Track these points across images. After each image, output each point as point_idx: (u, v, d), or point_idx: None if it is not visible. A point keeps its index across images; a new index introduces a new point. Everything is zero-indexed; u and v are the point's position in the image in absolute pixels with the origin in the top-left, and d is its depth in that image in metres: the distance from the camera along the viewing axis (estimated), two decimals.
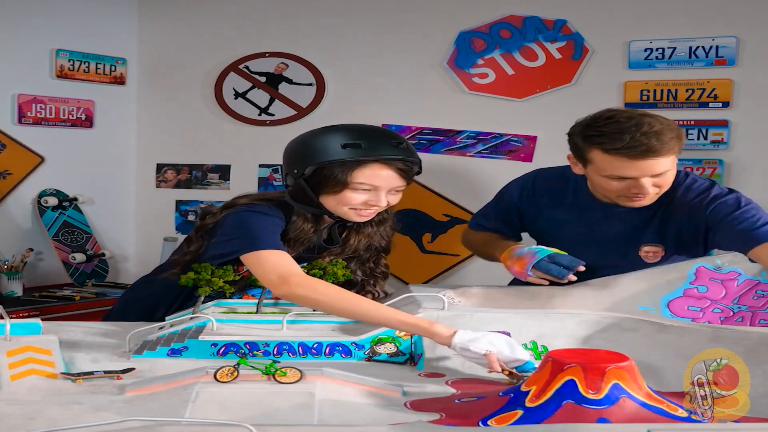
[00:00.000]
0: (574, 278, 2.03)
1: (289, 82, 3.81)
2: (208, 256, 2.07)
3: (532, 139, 3.52)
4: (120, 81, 3.93)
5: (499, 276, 2.41)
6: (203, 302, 2.01)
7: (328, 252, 2.19)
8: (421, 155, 3.66)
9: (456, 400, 1.45)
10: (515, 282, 2.35)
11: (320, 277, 2.03)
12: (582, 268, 2.04)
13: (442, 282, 3.52)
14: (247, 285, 2.11)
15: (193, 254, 2.16)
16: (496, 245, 2.35)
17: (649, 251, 2.30)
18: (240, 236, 2.03)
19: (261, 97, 3.84)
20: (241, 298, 2.11)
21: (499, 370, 1.65)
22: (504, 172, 3.55)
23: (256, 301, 2.02)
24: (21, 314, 3.05)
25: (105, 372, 1.59)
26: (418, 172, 2.17)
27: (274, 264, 1.95)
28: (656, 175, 2.18)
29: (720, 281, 1.97)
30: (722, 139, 3.31)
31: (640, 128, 2.15)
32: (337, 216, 2.15)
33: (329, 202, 2.11)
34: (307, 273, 2.05)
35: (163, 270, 2.25)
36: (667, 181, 2.23)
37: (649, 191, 2.20)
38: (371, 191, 2.08)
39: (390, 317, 1.81)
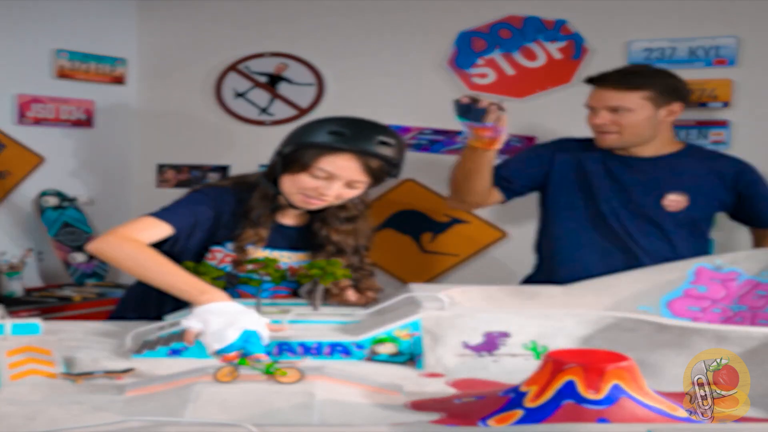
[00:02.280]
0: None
1: (289, 82, 3.81)
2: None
3: (532, 139, 3.52)
4: (120, 81, 3.93)
5: (499, 276, 2.41)
6: None
7: (313, 253, 2.21)
8: (421, 155, 3.67)
9: (456, 400, 1.45)
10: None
11: (319, 277, 2.03)
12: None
13: (442, 282, 3.52)
14: (236, 279, 2.12)
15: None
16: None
17: (672, 200, 2.42)
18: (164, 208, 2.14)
19: (261, 97, 3.84)
20: (237, 296, 2.12)
21: (191, 343, 1.72)
22: None
23: (256, 301, 2.02)
24: (21, 314, 3.05)
25: (105, 372, 1.59)
26: (395, 175, 2.17)
27: (126, 225, 2.05)
28: (613, 109, 2.52)
29: (720, 281, 1.97)
30: (722, 139, 3.31)
31: (624, 67, 2.62)
32: (287, 200, 2.16)
33: (286, 182, 2.14)
34: (307, 272, 2.05)
35: None
36: (629, 121, 2.54)
37: (603, 123, 2.53)
38: (326, 179, 2.09)
39: (162, 280, 1.89)
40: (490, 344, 1.77)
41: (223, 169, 3.92)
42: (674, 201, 2.48)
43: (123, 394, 1.44)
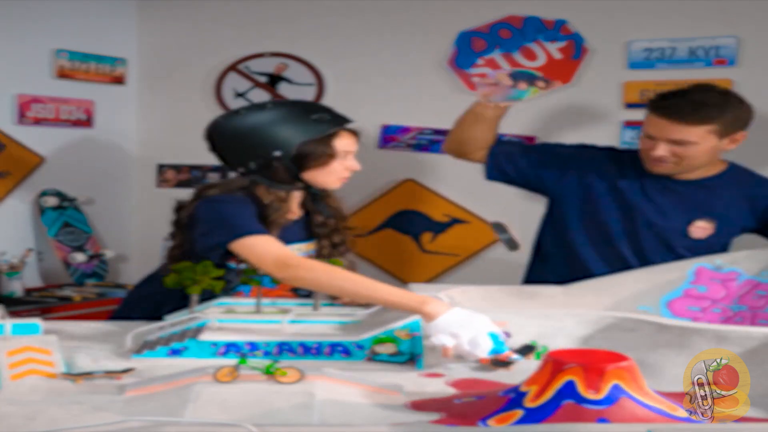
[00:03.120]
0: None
1: (289, 82, 3.81)
2: (199, 251, 2.09)
3: (532, 140, 3.52)
4: (120, 81, 3.93)
5: (499, 276, 2.41)
6: (199, 301, 2.00)
7: (322, 224, 2.31)
8: (421, 155, 3.68)
9: (456, 400, 1.45)
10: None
11: None
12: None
13: (442, 282, 3.52)
14: (235, 279, 2.12)
15: (179, 248, 2.21)
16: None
17: (700, 227, 2.32)
18: (219, 226, 2.05)
19: (261, 97, 3.84)
20: (237, 292, 2.12)
21: (450, 356, 1.72)
22: None
23: (256, 300, 2.01)
24: (21, 314, 3.05)
25: (105, 372, 1.59)
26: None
27: (267, 249, 1.98)
28: (675, 142, 2.26)
29: (720, 281, 1.97)
30: None
31: (686, 93, 2.33)
32: (316, 188, 2.25)
33: (318, 176, 2.22)
34: None
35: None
36: (690, 153, 2.32)
37: (663, 155, 2.31)
38: (345, 157, 2.23)
39: (380, 297, 1.83)
40: None
41: (223, 169, 3.92)
42: (701, 228, 2.34)
43: (123, 394, 1.44)
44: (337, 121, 2.22)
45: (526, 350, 1.77)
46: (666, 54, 3.37)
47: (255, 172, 2.19)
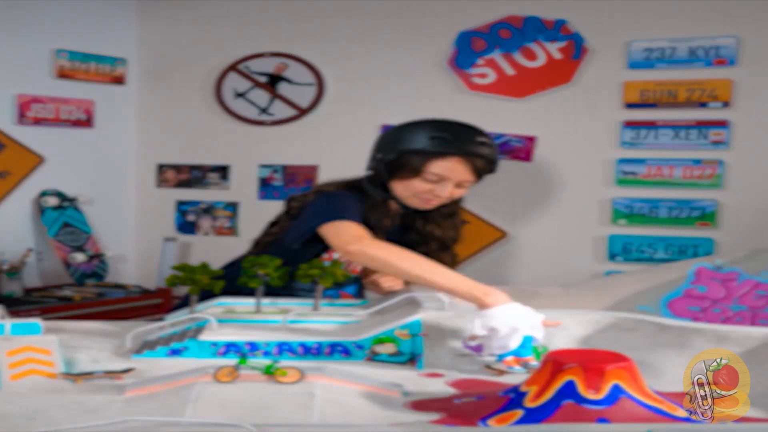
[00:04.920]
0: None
1: (289, 82, 3.81)
2: (290, 236, 2.17)
3: (532, 139, 3.52)
4: (120, 81, 3.93)
5: (499, 276, 2.41)
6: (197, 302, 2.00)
7: (409, 242, 2.23)
8: None
9: (456, 400, 1.45)
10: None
11: (319, 277, 2.03)
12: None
13: None
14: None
15: (275, 235, 2.28)
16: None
17: None
18: (328, 210, 2.11)
19: (261, 97, 3.84)
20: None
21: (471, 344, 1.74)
22: (504, 171, 3.55)
23: (255, 300, 2.01)
24: (21, 314, 3.05)
25: (105, 372, 1.59)
26: (493, 171, 2.25)
27: (352, 228, 2.04)
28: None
29: (720, 281, 1.97)
30: (722, 139, 3.31)
31: None
32: (402, 203, 2.24)
33: (398, 187, 2.21)
34: (307, 272, 2.05)
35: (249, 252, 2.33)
36: None
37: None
38: (439, 182, 2.18)
39: (443, 285, 1.87)
40: None
41: (223, 169, 3.92)
42: None
43: (123, 394, 1.43)
44: (453, 147, 2.15)
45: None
46: (666, 54, 3.37)
47: (369, 173, 2.27)
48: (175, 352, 1.77)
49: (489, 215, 3.56)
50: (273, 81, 3.83)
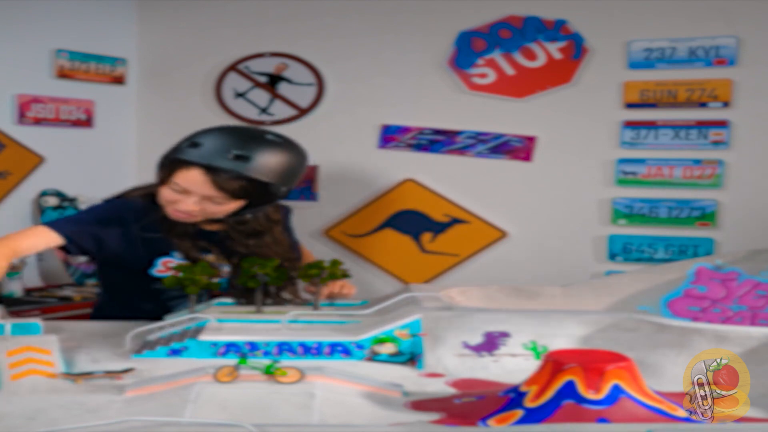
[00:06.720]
0: None
1: (289, 82, 3.81)
2: None
3: (532, 139, 3.52)
4: (120, 81, 3.93)
5: (499, 276, 2.41)
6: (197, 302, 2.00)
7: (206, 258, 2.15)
8: (421, 155, 3.67)
9: (456, 400, 1.45)
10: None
11: (317, 276, 2.03)
12: None
13: (442, 282, 3.52)
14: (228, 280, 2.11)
15: None
16: None
17: None
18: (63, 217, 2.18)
19: (261, 97, 3.84)
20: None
21: None
22: (504, 172, 3.56)
23: (255, 300, 2.01)
24: (21, 314, 3.05)
25: (105, 372, 1.59)
26: (276, 194, 2.08)
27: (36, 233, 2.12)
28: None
29: (720, 281, 1.97)
30: (722, 139, 3.31)
31: None
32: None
33: (159, 194, 2.11)
34: (307, 271, 2.05)
35: None
36: None
37: None
38: (182, 193, 2.04)
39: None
40: (490, 344, 1.77)
41: None
42: None
43: (123, 394, 1.44)
44: (196, 156, 2.00)
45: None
46: (666, 54, 3.37)
47: None
48: (175, 352, 1.77)
49: (489, 215, 3.56)
50: (273, 81, 3.83)
